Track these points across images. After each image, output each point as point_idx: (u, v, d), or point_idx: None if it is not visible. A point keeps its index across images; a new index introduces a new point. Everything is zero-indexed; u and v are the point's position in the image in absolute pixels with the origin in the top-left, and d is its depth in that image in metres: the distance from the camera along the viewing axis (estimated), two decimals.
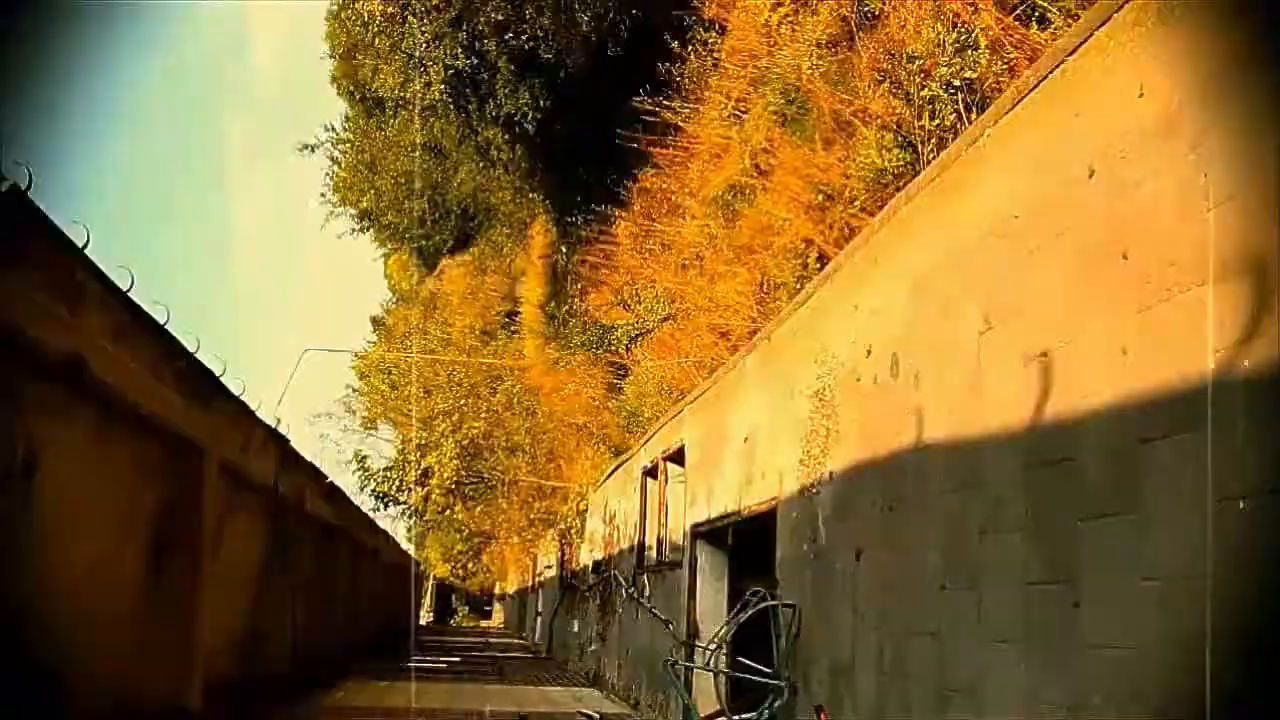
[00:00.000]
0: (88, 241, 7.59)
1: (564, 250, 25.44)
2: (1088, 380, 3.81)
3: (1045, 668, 3.95)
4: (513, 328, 35.31)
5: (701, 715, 6.90)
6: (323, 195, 36.64)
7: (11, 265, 6.57)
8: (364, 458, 28.59)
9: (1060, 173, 4.10)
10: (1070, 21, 7.11)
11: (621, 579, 14.04)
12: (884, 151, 8.80)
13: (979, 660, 4.42)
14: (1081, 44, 3.97)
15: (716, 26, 14.49)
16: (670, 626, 9.11)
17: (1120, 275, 3.66)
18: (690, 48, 15.05)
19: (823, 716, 5.73)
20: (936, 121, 8.06)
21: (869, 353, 5.86)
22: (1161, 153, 3.47)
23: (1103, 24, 3.82)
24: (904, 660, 5.13)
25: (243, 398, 12.15)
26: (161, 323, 9.30)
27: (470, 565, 42.54)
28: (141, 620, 10.01)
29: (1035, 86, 4.29)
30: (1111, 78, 3.77)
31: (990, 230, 4.61)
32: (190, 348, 10.05)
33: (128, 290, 8.52)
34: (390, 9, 17.59)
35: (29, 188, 6.61)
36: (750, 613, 6.81)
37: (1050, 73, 4.19)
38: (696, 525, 9.70)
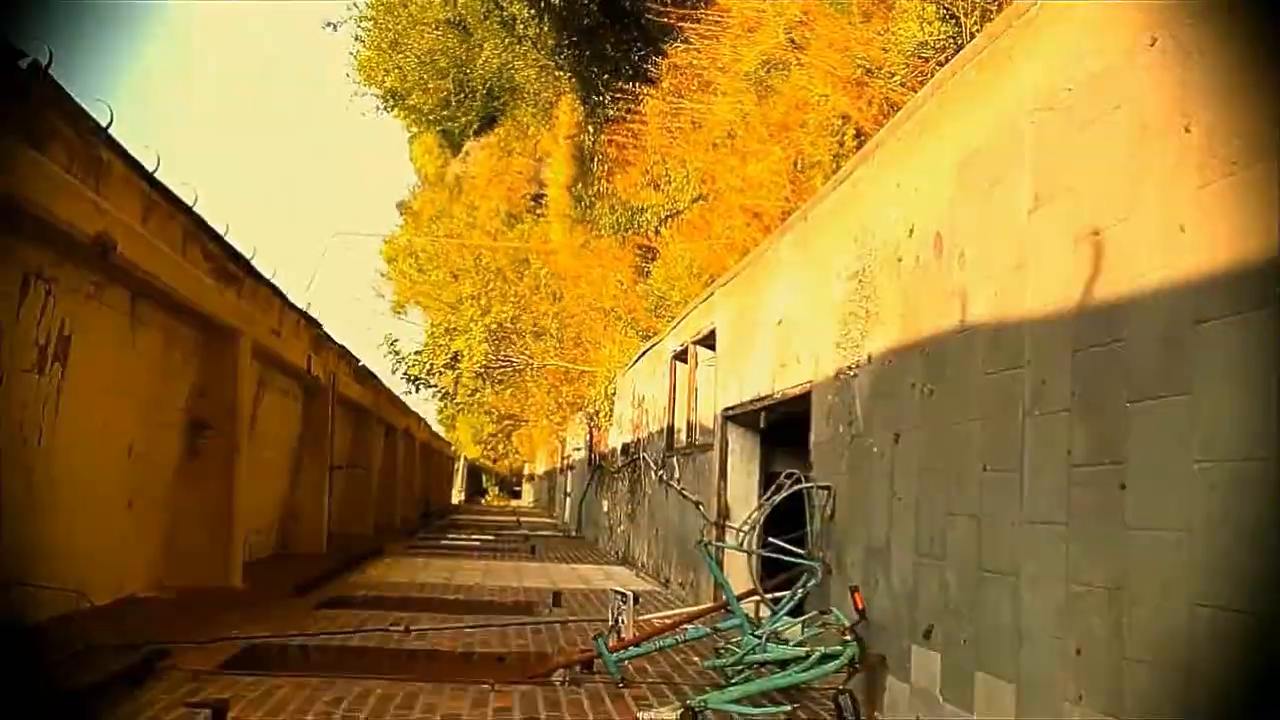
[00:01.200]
0: (111, 120, 7.49)
1: (591, 130, 25.02)
2: (1141, 259, 3.67)
3: (1087, 549, 3.91)
4: (539, 211, 35.05)
5: (734, 594, 6.97)
6: (347, 75, 36.08)
7: (35, 143, 6.49)
8: (394, 341, 28.76)
9: (1118, 41, 3.88)
10: None
11: (650, 461, 14.14)
12: (925, 24, 8.48)
13: (1019, 542, 4.39)
14: None
15: None
16: (701, 508, 9.17)
17: (1180, 149, 3.49)
18: None
19: (856, 597, 5.76)
20: None
21: (911, 232, 5.71)
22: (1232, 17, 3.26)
23: None
24: (941, 542, 5.12)
25: (274, 281, 12.16)
26: (190, 204, 9.24)
27: (500, 447, 43.11)
28: (180, 501, 10.22)
29: None
30: None
31: (1041, 104, 4.41)
32: (219, 230, 10.01)
33: (154, 171, 8.44)
34: None
35: (49, 65, 6.48)
36: (784, 494, 6.82)
37: None
38: (728, 409, 9.68)
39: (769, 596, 7.11)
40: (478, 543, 20.40)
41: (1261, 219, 3.09)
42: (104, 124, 7.37)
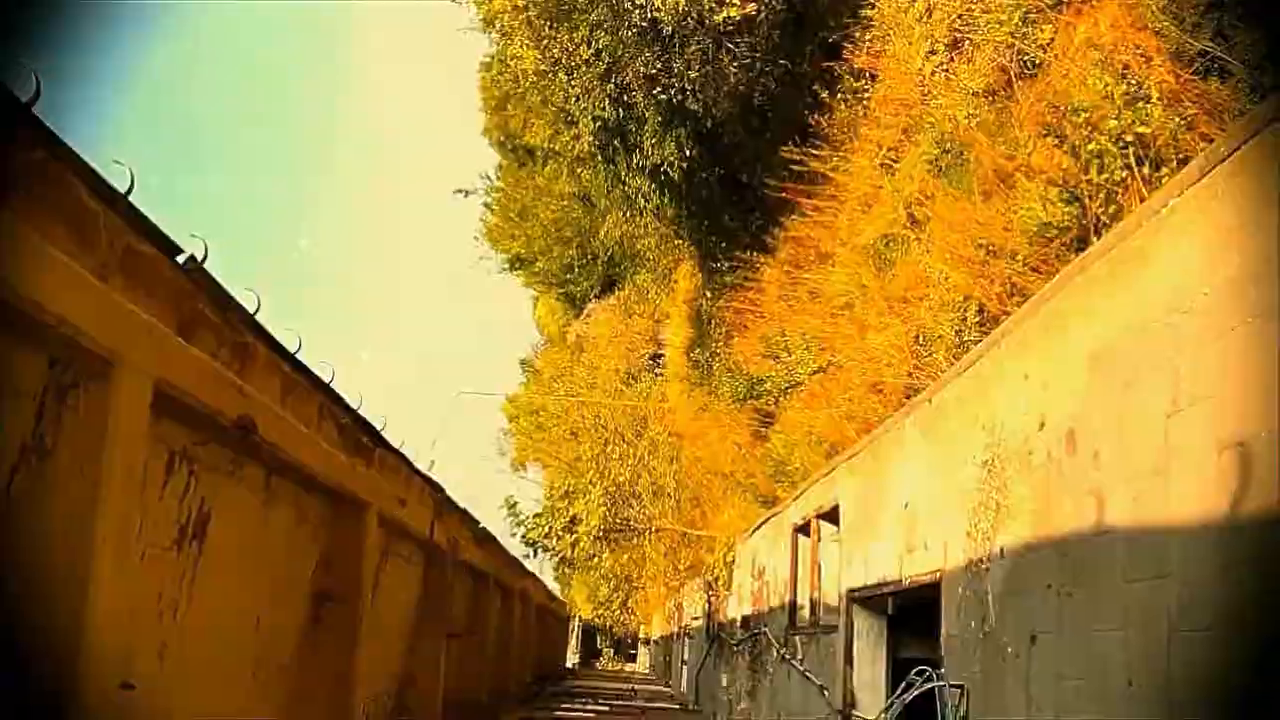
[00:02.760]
0: (258, 307, 7.93)
1: (709, 295, 25.45)
2: None
3: None
4: (658, 370, 35.48)
5: None
6: (475, 238, 37.76)
7: (184, 331, 6.89)
8: (515, 504, 29.01)
9: (1257, 246, 3.81)
10: (1254, 74, 6.72)
11: (772, 638, 13.76)
12: (1048, 205, 8.46)
13: None
14: None
15: (867, 75, 14.32)
16: (825, 693, 8.84)
17: None
18: (839, 96, 14.92)
19: None
20: (1105, 176, 7.70)
21: (1042, 425, 5.58)
22: None
23: None
24: None
25: (402, 448, 12.46)
26: (327, 381, 9.61)
27: (616, 611, 42.62)
28: (302, 669, 10.30)
29: (1230, 154, 4.01)
30: None
31: (1176, 306, 4.32)
32: (353, 404, 10.36)
33: (296, 350, 8.84)
34: (542, 65, 17.98)
35: (205, 259, 6.95)
36: (915, 692, 6.54)
37: (1248, 139, 3.92)
38: (853, 590, 9.42)
39: None
40: (592, 714, 19.98)
41: None
42: (252, 311, 7.79)
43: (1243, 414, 3.80)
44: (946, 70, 11.41)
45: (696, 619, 25.63)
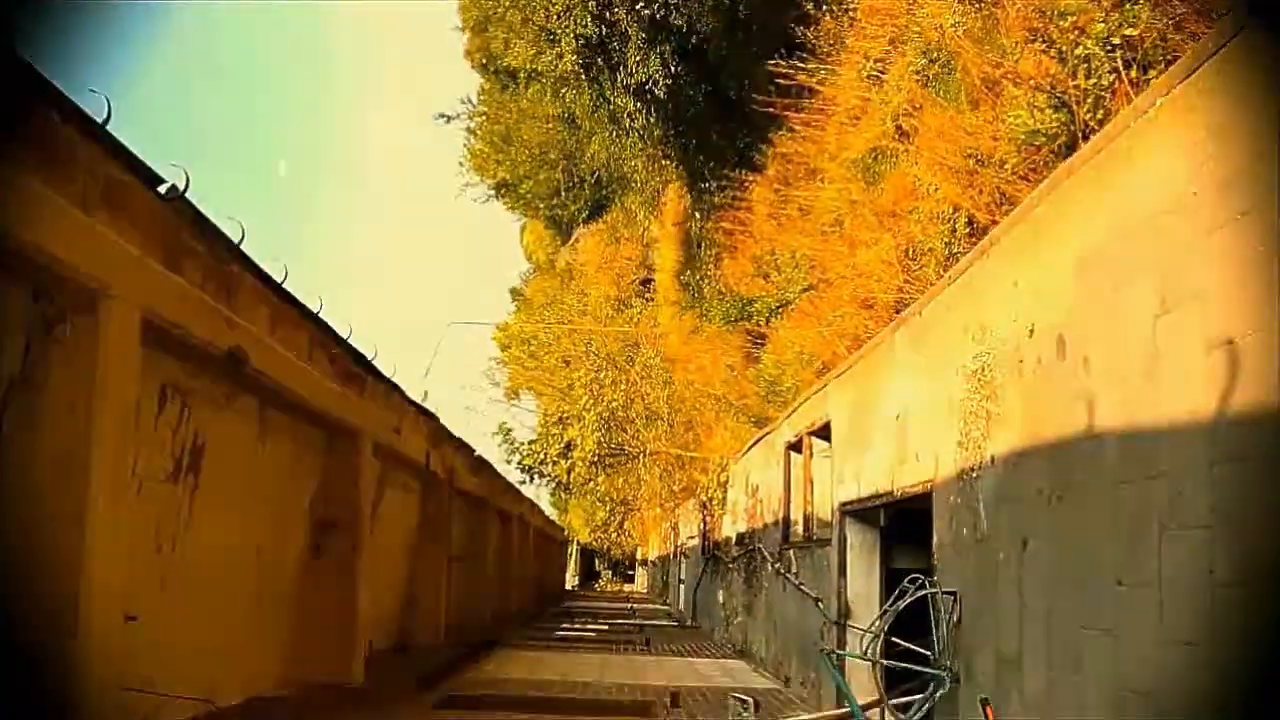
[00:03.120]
0: (243, 236, 7.86)
1: (698, 216, 25.29)
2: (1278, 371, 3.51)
3: (1235, 676, 3.69)
4: (648, 295, 35.41)
5: (859, 703, 6.77)
6: (460, 164, 37.35)
7: (171, 263, 6.83)
8: (509, 430, 29.15)
9: (1245, 145, 3.78)
10: None
11: (767, 553, 13.94)
12: (1036, 112, 8.36)
13: (1160, 662, 4.17)
14: None
15: None
16: (820, 605, 8.98)
17: None
18: (825, 7, 14.65)
19: (988, 711, 5.54)
20: (1093, 80, 7.60)
21: (1031, 332, 5.58)
22: None
23: None
24: (1078, 657, 4.90)
25: (393, 378, 12.47)
26: (315, 310, 9.57)
27: (613, 534, 43.08)
28: (305, 598, 10.43)
29: (1215, 52, 3.95)
30: None
31: (1163, 207, 4.30)
32: (343, 333, 10.34)
33: (282, 280, 8.79)
34: None
35: (187, 187, 6.86)
36: (908, 600, 6.63)
37: (1234, 36, 3.86)
38: (845, 504, 9.51)
39: (895, 703, 6.89)
40: (593, 633, 20.30)
41: None
42: (236, 240, 7.73)
43: (1231, 312, 3.80)
44: None
45: (692, 539, 25.95)
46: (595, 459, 27.60)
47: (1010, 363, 5.86)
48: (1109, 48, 7.23)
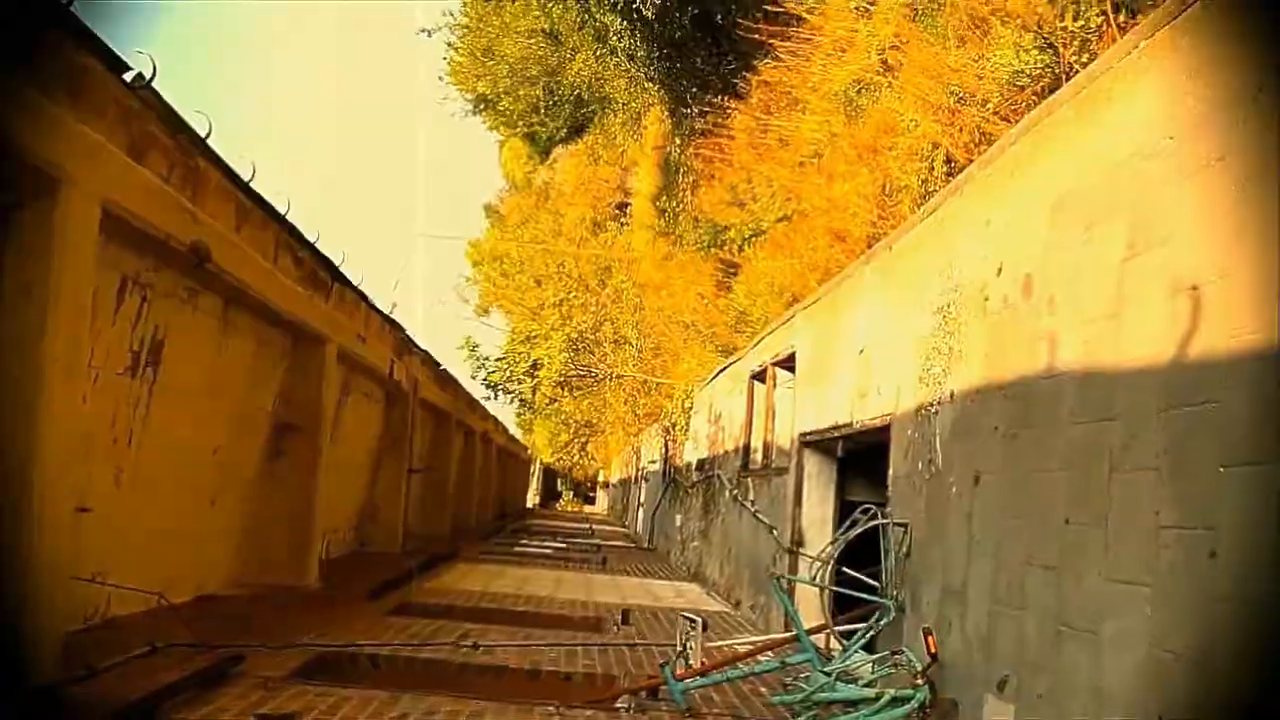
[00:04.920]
0: (210, 130, 7.69)
1: (678, 142, 25.07)
2: (1240, 319, 3.53)
3: (1173, 616, 3.77)
4: (623, 219, 35.21)
5: (805, 627, 6.88)
6: (440, 78, 36.67)
7: (136, 154, 6.68)
8: (475, 345, 29.09)
9: (1224, 91, 3.75)
10: None
11: (725, 480, 14.07)
12: (1022, 52, 8.29)
13: (1101, 599, 4.25)
14: None
15: None
16: (774, 532, 9.09)
17: None
18: None
19: (930, 640, 5.65)
20: (1080, 23, 7.54)
21: (1000, 271, 5.59)
22: None
23: None
24: (1020, 591, 4.99)
25: (360, 286, 12.37)
26: (282, 212, 9.43)
27: (576, 454, 43.33)
28: (262, 500, 10.45)
29: None
30: None
31: (1140, 150, 4.28)
32: (310, 238, 10.21)
33: (249, 180, 8.63)
34: None
35: (154, 76, 6.69)
36: (860, 529, 6.72)
37: None
38: (805, 434, 9.58)
39: (840, 630, 7.02)
40: (550, 550, 20.50)
41: None
42: (203, 134, 7.57)
43: (1198, 258, 3.81)
44: None
45: (654, 463, 26.15)
46: (561, 380, 27.63)
47: (976, 300, 5.87)
48: None
